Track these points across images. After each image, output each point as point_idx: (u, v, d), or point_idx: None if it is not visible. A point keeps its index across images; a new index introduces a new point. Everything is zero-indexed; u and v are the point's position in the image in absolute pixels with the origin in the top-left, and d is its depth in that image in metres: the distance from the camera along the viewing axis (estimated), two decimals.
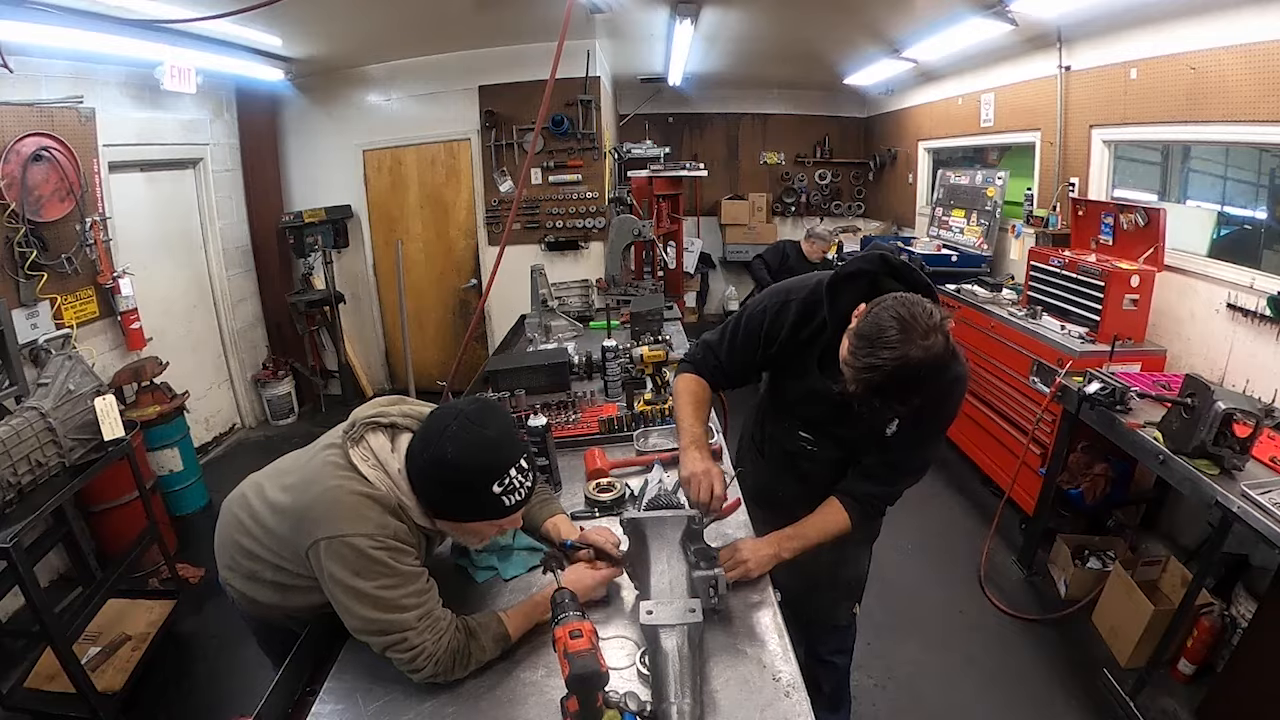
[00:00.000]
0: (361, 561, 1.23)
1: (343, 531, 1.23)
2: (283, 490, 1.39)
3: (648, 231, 3.89)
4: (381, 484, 1.30)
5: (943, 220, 5.59)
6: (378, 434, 1.36)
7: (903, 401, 1.34)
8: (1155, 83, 3.35)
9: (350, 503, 1.26)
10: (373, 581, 1.23)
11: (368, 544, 1.23)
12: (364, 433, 1.35)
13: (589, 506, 1.92)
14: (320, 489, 1.29)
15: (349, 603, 1.25)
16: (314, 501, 1.29)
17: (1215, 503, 2.12)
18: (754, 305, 1.77)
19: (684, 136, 7.78)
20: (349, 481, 1.29)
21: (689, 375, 1.83)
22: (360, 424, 1.36)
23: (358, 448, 1.33)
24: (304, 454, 1.47)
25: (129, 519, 3.30)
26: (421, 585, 1.30)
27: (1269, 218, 3.10)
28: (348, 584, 1.23)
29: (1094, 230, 3.71)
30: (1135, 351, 3.24)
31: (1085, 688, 2.64)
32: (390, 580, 1.25)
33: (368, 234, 5.93)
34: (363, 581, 1.23)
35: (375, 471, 1.31)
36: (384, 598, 1.24)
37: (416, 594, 1.28)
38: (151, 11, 3.27)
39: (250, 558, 1.44)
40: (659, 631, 1.23)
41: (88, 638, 2.75)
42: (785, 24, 4.92)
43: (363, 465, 1.31)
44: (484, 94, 5.44)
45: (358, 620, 1.26)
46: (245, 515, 1.45)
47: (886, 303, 1.31)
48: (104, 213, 3.79)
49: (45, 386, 2.77)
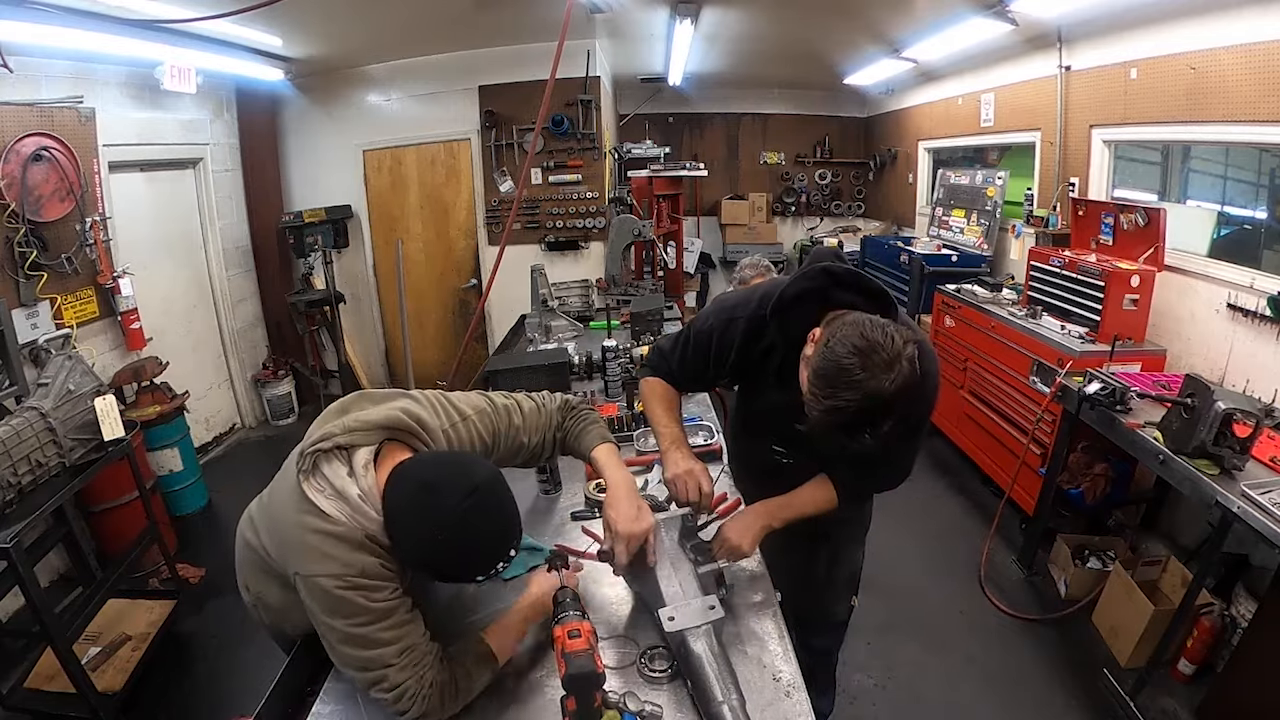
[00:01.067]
0: (330, 601, 1.17)
1: (311, 571, 1.18)
2: (262, 520, 1.36)
3: (648, 231, 3.89)
4: (343, 516, 1.19)
5: (943, 220, 5.59)
6: (331, 462, 1.24)
7: (873, 433, 1.22)
8: (1155, 83, 3.35)
9: (312, 543, 1.18)
10: (345, 620, 1.18)
11: (333, 584, 1.16)
12: (314, 462, 1.24)
13: (589, 507, 1.92)
14: (285, 526, 1.24)
15: (327, 639, 1.21)
16: (284, 538, 1.24)
17: (1215, 503, 2.12)
18: (701, 321, 1.68)
19: (684, 136, 7.78)
20: (308, 518, 1.20)
21: (652, 379, 1.78)
22: (308, 454, 1.24)
23: (311, 480, 1.22)
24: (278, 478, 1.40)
25: (129, 519, 3.30)
26: (400, 618, 1.21)
27: (1269, 218, 3.10)
28: (322, 620, 1.19)
29: (1094, 230, 3.71)
30: (1135, 351, 3.24)
31: (1085, 688, 2.64)
32: (363, 618, 1.18)
33: (368, 234, 5.92)
34: (336, 620, 1.18)
35: (333, 503, 1.20)
36: (358, 635, 1.18)
37: (394, 627, 1.20)
38: (151, 11, 3.26)
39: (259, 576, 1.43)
40: (685, 636, 1.22)
41: (88, 638, 2.75)
42: (785, 24, 4.92)
43: (319, 499, 1.21)
44: (484, 94, 5.44)
45: (338, 657, 1.22)
46: (250, 533, 1.42)
47: (842, 332, 1.20)
48: (104, 213, 3.79)
49: (45, 386, 2.77)
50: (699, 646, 1.20)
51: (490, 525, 1.18)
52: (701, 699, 1.15)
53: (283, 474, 1.35)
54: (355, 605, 1.17)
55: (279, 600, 1.38)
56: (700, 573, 1.38)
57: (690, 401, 2.66)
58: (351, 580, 1.17)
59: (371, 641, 1.18)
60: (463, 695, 1.24)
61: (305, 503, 1.21)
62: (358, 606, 1.17)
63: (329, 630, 1.19)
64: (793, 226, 7.97)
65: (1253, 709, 2.21)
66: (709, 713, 1.12)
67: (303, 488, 1.22)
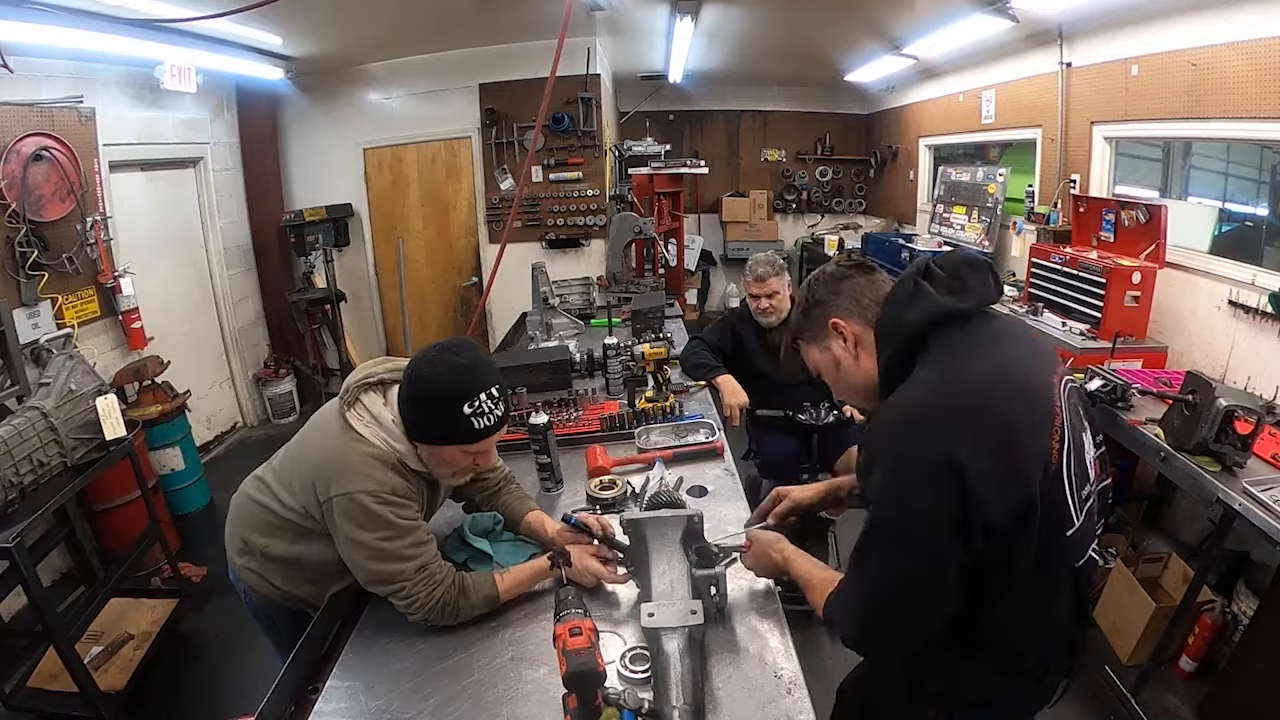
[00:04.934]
0: (364, 515, 1.36)
1: (348, 489, 1.36)
2: (292, 461, 1.53)
3: (649, 229, 3.89)
4: (377, 439, 1.42)
5: (944, 217, 5.58)
6: (369, 393, 1.47)
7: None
8: (1156, 79, 3.34)
9: (354, 462, 1.38)
10: (374, 533, 1.36)
11: (370, 500, 1.36)
12: (357, 395, 1.46)
13: (590, 504, 1.92)
14: (327, 451, 1.42)
15: (355, 555, 1.39)
16: (323, 463, 1.41)
17: (1216, 500, 2.12)
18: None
19: (684, 133, 7.77)
20: (351, 443, 1.40)
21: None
22: (353, 388, 1.46)
23: (353, 410, 1.45)
24: (305, 431, 1.58)
25: (131, 518, 3.30)
26: (419, 537, 1.42)
27: (1270, 214, 3.09)
28: (353, 537, 1.37)
29: (1095, 227, 3.71)
30: (1136, 348, 3.23)
31: (1087, 685, 2.63)
32: (389, 532, 1.37)
33: (368, 232, 5.93)
34: (365, 534, 1.36)
35: (371, 428, 1.42)
36: (384, 549, 1.37)
37: (414, 545, 1.40)
38: (151, 11, 3.26)
39: (266, 530, 1.55)
40: (660, 634, 1.22)
41: (90, 637, 2.75)
42: (786, 20, 4.91)
43: (359, 425, 1.42)
44: (484, 92, 5.44)
45: (362, 571, 1.41)
46: (257, 493, 1.58)
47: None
48: (104, 212, 3.79)
49: (47, 386, 2.77)
50: (670, 647, 1.20)
51: (461, 358, 1.38)
52: (657, 699, 1.16)
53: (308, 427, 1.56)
54: (385, 520, 1.37)
55: (284, 551, 1.53)
56: (696, 576, 1.37)
57: (692, 400, 2.67)
58: (385, 496, 1.37)
59: (395, 556, 1.38)
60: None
61: (348, 430, 1.42)
62: (387, 521, 1.37)
63: (357, 546, 1.38)
64: (794, 223, 7.97)
65: (1255, 706, 2.21)
66: (660, 711, 1.13)
67: (346, 417, 1.43)
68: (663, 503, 1.62)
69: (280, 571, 1.57)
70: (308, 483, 1.42)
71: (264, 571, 1.58)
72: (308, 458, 1.47)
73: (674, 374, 2.73)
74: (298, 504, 1.47)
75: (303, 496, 1.45)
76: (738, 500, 1.91)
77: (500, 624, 1.48)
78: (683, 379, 2.78)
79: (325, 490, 1.38)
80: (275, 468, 1.59)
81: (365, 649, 1.43)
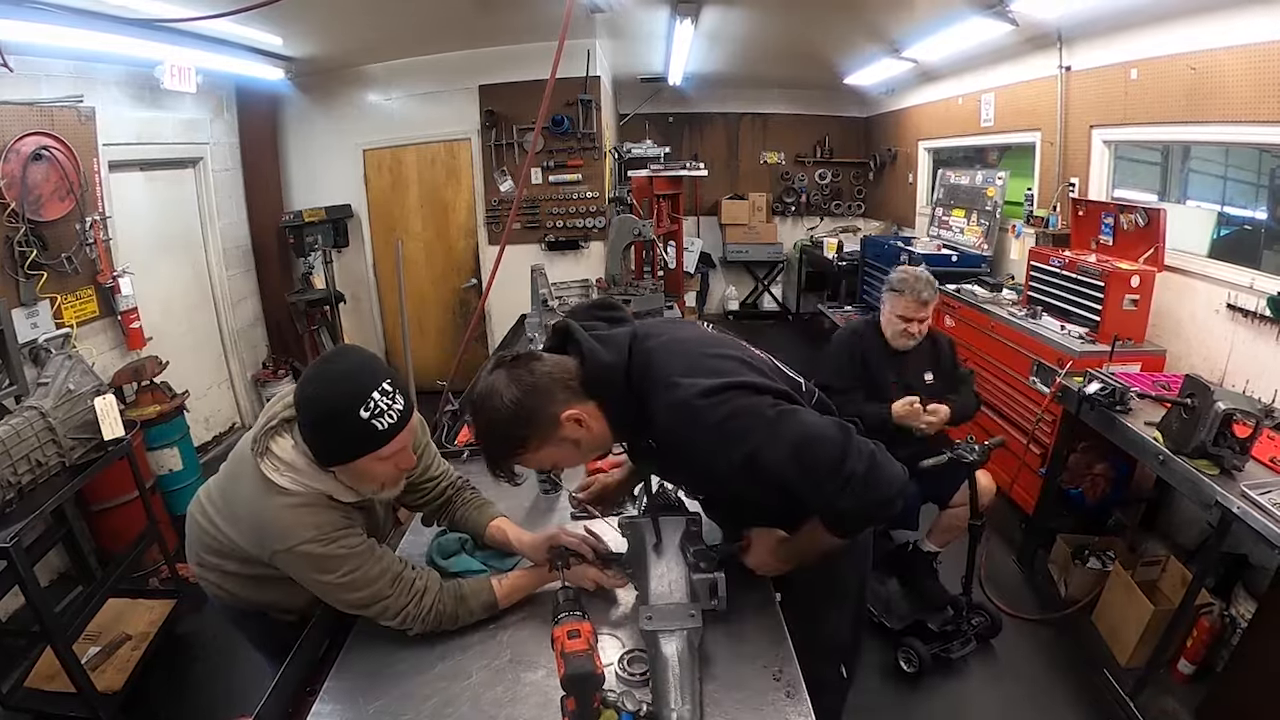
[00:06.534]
0: (318, 561, 1.33)
1: (288, 544, 1.32)
2: (225, 506, 1.47)
3: (648, 231, 3.89)
4: (298, 486, 1.35)
5: (943, 220, 5.59)
6: (276, 438, 1.38)
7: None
8: (1155, 83, 3.35)
9: (284, 518, 1.33)
10: (335, 573, 1.35)
11: (315, 546, 1.32)
12: (266, 444, 1.38)
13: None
14: (254, 513, 1.37)
15: (327, 594, 1.38)
16: (255, 525, 1.37)
17: (1215, 503, 2.12)
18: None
19: (684, 136, 7.78)
20: (274, 499, 1.34)
21: None
22: (260, 437, 1.39)
23: (265, 461, 1.37)
24: (227, 475, 1.51)
25: (129, 518, 3.29)
26: (377, 553, 1.41)
27: (1269, 218, 3.10)
28: (317, 580, 1.36)
29: (1094, 230, 3.71)
30: (1135, 352, 3.24)
31: (1085, 687, 2.64)
32: (349, 565, 1.35)
33: (368, 233, 5.92)
34: (328, 576, 1.35)
35: (288, 476, 1.35)
36: (351, 580, 1.35)
37: (375, 562, 1.38)
38: (151, 11, 3.26)
39: (217, 553, 1.52)
40: (658, 637, 1.22)
41: (88, 637, 2.74)
42: (786, 23, 4.92)
43: (275, 476, 1.35)
44: (484, 93, 5.44)
45: (342, 604, 1.40)
46: (206, 523, 1.52)
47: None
48: (104, 212, 3.78)
49: (45, 386, 2.76)
50: (669, 650, 1.20)
51: (339, 366, 1.35)
52: (656, 702, 1.16)
53: (238, 462, 1.47)
54: (338, 557, 1.34)
55: (238, 570, 1.50)
56: (694, 579, 1.37)
57: None
58: (328, 535, 1.34)
59: (365, 581, 1.36)
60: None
61: (266, 484, 1.35)
62: (340, 558, 1.34)
63: (326, 587, 1.37)
64: (793, 226, 7.97)
65: (1253, 709, 2.20)
66: (658, 713, 1.13)
67: (261, 470, 1.36)
68: (661, 505, 1.62)
69: (240, 586, 1.55)
70: (247, 540, 1.40)
71: (223, 584, 1.56)
72: (239, 517, 1.42)
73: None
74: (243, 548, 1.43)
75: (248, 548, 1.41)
76: None
77: (498, 626, 1.48)
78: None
79: (267, 550, 1.35)
80: (215, 501, 1.52)
81: (363, 650, 1.43)
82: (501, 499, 1.99)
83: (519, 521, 1.89)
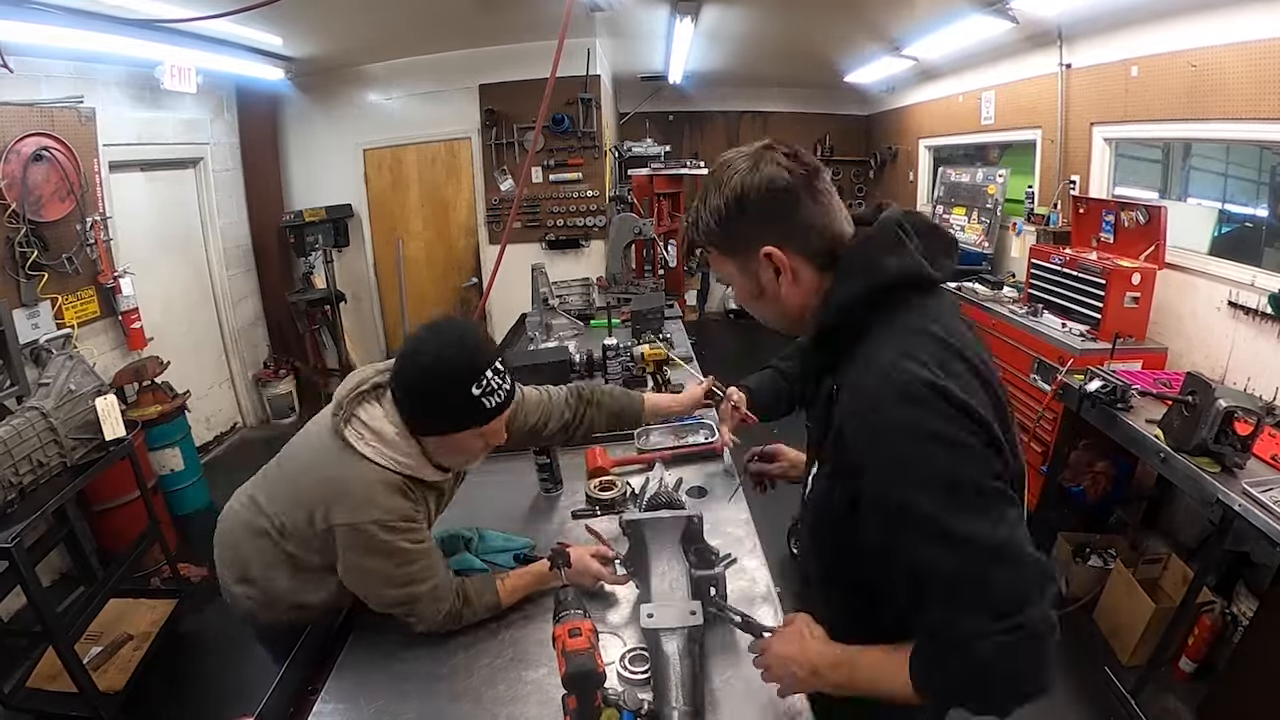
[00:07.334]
0: (373, 545, 1.29)
1: (354, 519, 1.28)
2: (285, 483, 1.43)
3: (648, 230, 3.89)
4: (383, 459, 1.31)
5: (944, 218, 5.58)
6: (365, 405, 1.35)
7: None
8: (1156, 80, 3.35)
9: (359, 488, 1.29)
10: (386, 562, 1.31)
11: (378, 529, 1.28)
12: (353, 410, 1.34)
13: (590, 505, 1.92)
14: (326, 476, 1.32)
15: (366, 582, 1.35)
16: (323, 489, 1.32)
17: (1216, 500, 2.12)
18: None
19: (684, 134, 7.78)
20: (354, 466, 1.30)
21: None
22: (347, 401, 1.34)
23: (350, 427, 1.33)
24: (295, 449, 1.48)
25: (130, 518, 3.30)
26: (431, 559, 1.38)
27: (1270, 215, 3.09)
28: (363, 566, 1.32)
29: (1095, 228, 3.71)
30: (1136, 349, 3.23)
31: (1086, 686, 2.64)
32: (399, 559, 1.32)
33: (368, 233, 5.93)
34: (376, 562, 1.31)
35: (374, 447, 1.32)
36: (397, 576, 1.32)
37: (424, 569, 1.35)
38: (151, 11, 3.26)
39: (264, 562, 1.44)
40: (660, 635, 1.22)
41: (89, 637, 2.75)
42: (786, 22, 4.92)
43: (360, 445, 1.31)
44: (484, 92, 5.44)
45: (374, 598, 1.37)
46: (251, 516, 1.46)
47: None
48: (104, 212, 3.79)
49: (46, 386, 2.77)
50: (669, 648, 1.20)
51: (465, 339, 1.30)
52: (657, 700, 1.16)
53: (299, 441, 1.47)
54: (396, 547, 1.30)
55: (288, 585, 1.44)
56: (695, 576, 1.37)
57: None
58: (393, 524, 1.30)
59: (409, 581, 1.33)
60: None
61: (348, 451, 1.31)
62: (398, 548, 1.31)
63: (369, 575, 1.33)
64: None
65: (1255, 707, 2.20)
66: (659, 712, 1.12)
67: (345, 436, 1.32)
68: (662, 504, 1.62)
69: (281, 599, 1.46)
70: (303, 509, 1.33)
71: (267, 601, 1.47)
72: (303, 481, 1.37)
73: (673, 375, 2.73)
74: (291, 531, 1.37)
75: (297, 522, 1.35)
76: (738, 500, 1.91)
77: (500, 625, 1.48)
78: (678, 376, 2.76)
79: (325, 518, 1.30)
80: (267, 488, 1.47)
81: (365, 650, 1.43)
82: (502, 498, 2.00)
83: (519, 520, 1.91)
